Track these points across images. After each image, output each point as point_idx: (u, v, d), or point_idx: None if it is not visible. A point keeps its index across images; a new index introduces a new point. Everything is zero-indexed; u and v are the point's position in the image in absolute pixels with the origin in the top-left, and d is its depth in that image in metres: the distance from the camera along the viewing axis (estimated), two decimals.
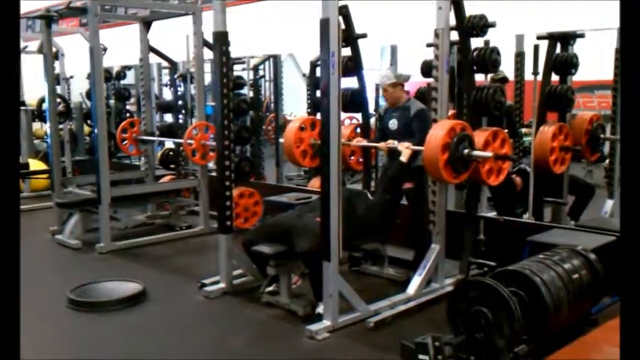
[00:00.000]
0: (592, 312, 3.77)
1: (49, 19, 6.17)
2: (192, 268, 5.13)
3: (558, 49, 5.14)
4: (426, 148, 3.98)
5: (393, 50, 6.69)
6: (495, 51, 4.32)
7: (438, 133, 3.95)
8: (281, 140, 4.88)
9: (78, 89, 9.64)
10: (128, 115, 9.11)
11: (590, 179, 7.36)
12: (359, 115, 5.38)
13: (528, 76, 6.08)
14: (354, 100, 5.10)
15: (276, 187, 6.91)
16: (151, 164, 7.08)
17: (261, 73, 8.68)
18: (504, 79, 5.55)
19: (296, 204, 5.32)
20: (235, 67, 7.73)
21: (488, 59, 4.30)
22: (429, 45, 5.93)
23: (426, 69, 5.90)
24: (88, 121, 8.92)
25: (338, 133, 3.70)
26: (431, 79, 5.84)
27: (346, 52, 4.86)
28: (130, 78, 9.55)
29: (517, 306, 3.16)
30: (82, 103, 9.69)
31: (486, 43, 4.89)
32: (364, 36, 4.97)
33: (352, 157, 5.21)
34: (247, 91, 7.68)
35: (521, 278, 3.40)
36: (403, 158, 4.33)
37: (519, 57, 5.99)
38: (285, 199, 5.71)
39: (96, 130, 5.67)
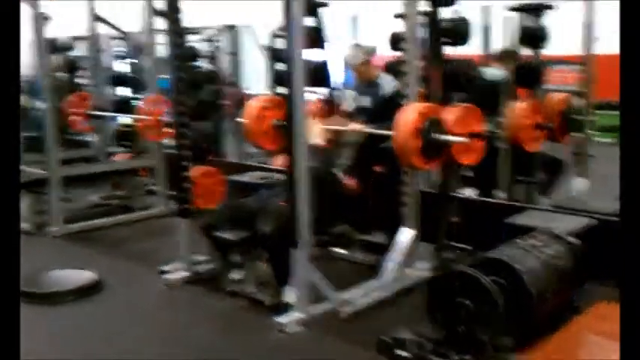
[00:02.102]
0: (573, 298, 3.66)
1: None
2: (152, 254, 4.84)
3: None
4: (396, 133, 3.76)
5: (354, 21, 6.42)
6: (466, 22, 4.10)
7: (407, 117, 3.74)
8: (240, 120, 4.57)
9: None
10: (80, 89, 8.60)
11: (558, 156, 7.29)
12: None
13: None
14: (317, 75, 4.84)
15: (238, 165, 6.60)
16: (104, 141, 6.69)
17: (218, 45, 8.32)
18: None
19: (260, 183, 5.09)
20: (190, 38, 7.34)
21: (459, 30, 4.08)
22: (397, 15, 5.72)
23: (396, 41, 5.66)
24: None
25: (303, 109, 3.45)
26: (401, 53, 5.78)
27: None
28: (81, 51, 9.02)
29: (500, 295, 3.02)
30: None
31: (454, 12, 4.65)
32: (325, 4, 4.70)
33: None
34: (204, 64, 7.33)
35: (502, 266, 3.24)
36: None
37: (485, 30, 5.81)
38: (248, 179, 5.43)
39: (40, 105, 5.27)
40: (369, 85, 4.76)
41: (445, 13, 4.13)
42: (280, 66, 7.02)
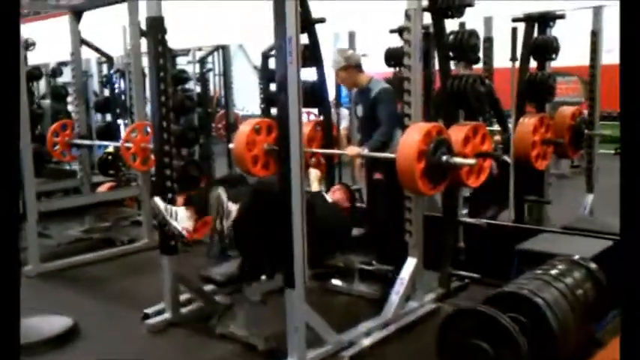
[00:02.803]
0: (596, 330, 3.30)
1: None
2: (134, 293, 4.45)
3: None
4: (398, 156, 3.43)
5: (351, 37, 6.10)
6: (474, 34, 3.79)
7: (411, 138, 3.41)
8: (231, 146, 4.25)
9: None
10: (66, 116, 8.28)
11: (556, 169, 7.01)
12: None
13: (497, 62, 5.64)
14: (313, 94, 4.50)
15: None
16: (87, 171, 6.32)
17: (209, 66, 8.03)
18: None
19: None
20: (179, 60, 7.05)
21: (467, 44, 3.76)
22: (392, 31, 5.43)
23: (391, 57, 5.35)
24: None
25: (300, 134, 3.10)
26: (395, 70, 5.48)
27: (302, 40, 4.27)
28: (68, 75, 8.72)
29: (521, 336, 2.66)
30: None
31: (462, 25, 4.35)
32: (322, 20, 4.38)
33: (312, 159, 4.62)
34: (194, 86, 7.01)
35: (521, 301, 2.89)
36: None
37: (488, 42, 5.50)
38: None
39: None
40: (361, 92, 4.44)
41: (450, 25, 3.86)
42: (273, 86, 6.79)
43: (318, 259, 3.95)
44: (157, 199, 3.57)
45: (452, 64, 3.97)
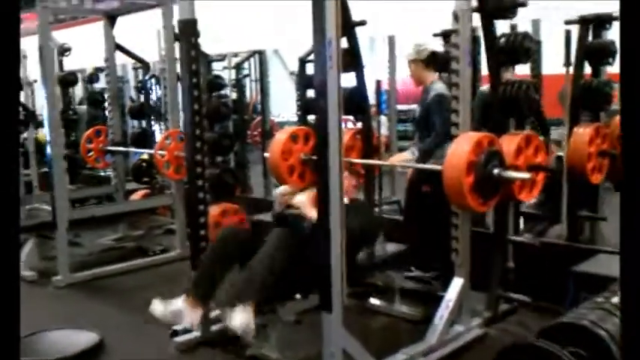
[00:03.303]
0: None
1: None
2: None
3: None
4: (446, 167, 3.17)
5: (391, 41, 5.85)
6: (528, 37, 3.51)
7: (460, 149, 3.15)
8: (266, 155, 4.05)
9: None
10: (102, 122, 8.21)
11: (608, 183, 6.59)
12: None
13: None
14: (352, 101, 4.27)
15: (264, 201, 6.05)
16: (120, 178, 6.21)
17: (245, 72, 7.87)
18: None
19: None
20: (215, 65, 6.90)
21: (520, 47, 3.48)
22: (436, 35, 5.17)
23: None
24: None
25: (339, 142, 2.87)
26: (439, 75, 5.19)
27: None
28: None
29: None
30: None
31: (512, 27, 4.07)
32: (363, 23, 4.14)
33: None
34: (229, 93, 6.84)
35: (581, 333, 2.60)
36: None
37: (536, 46, 5.19)
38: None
39: (48, 144, 4.81)
40: (423, 91, 4.28)
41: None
42: (310, 93, 6.58)
43: (357, 277, 3.73)
44: None
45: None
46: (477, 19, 3.52)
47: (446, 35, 4.88)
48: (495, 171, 3.21)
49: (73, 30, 10.13)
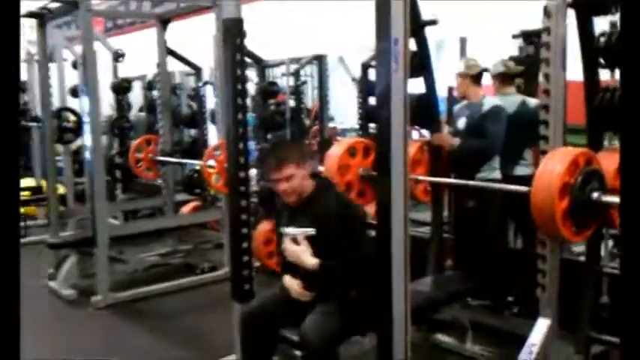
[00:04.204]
0: None
1: (41, 17, 5.05)
2: (208, 335, 3.88)
3: None
4: (535, 190, 2.64)
5: (463, 43, 5.30)
6: None
7: (553, 168, 2.61)
8: (321, 169, 3.61)
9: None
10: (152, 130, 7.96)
11: None
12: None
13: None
14: (420, 109, 3.78)
15: None
16: (170, 190, 5.88)
17: (304, 78, 7.45)
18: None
19: None
20: (275, 72, 6.53)
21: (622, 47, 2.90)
22: (515, 36, 4.62)
23: None
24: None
25: (404, 156, 2.39)
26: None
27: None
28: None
29: None
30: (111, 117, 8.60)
31: (613, 25, 3.47)
32: (434, 22, 3.66)
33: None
34: (287, 100, 6.44)
35: None
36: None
37: None
38: None
39: (88, 153, 4.51)
40: (468, 106, 3.98)
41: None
42: (372, 100, 6.10)
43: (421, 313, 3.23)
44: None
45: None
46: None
47: (528, 36, 4.33)
48: (594, 195, 2.66)
49: (133, 35, 10.00)
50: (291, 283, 2.81)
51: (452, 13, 5.00)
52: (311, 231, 2.76)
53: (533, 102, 4.02)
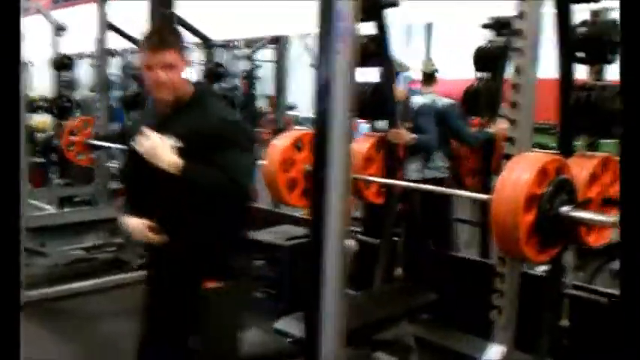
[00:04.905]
0: None
1: None
2: (129, 342, 3.43)
3: None
4: (496, 200, 2.27)
5: (428, 30, 4.93)
6: (617, 27, 2.59)
7: (519, 176, 2.24)
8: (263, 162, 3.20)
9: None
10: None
11: None
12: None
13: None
14: (376, 101, 3.40)
15: (271, 213, 5.13)
16: (104, 177, 5.38)
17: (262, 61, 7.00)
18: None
19: (286, 246, 3.74)
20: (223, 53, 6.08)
21: (605, 40, 2.56)
22: (485, 26, 4.27)
23: (482, 59, 4.15)
24: None
25: (345, 155, 2.00)
26: (483, 75, 4.28)
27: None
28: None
29: None
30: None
31: (595, 14, 3.12)
32: (395, 4, 3.27)
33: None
34: (239, 85, 6.00)
35: None
36: None
37: None
38: (271, 238, 4.04)
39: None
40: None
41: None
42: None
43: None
44: None
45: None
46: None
47: (498, 26, 3.97)
48: (564, 209, 2.31)
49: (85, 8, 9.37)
50: (137, 224, 2.21)
51: None
52: (177, 143, 2.11)
53: (442, 101, 3.96)
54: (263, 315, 3.48)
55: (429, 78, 4.11)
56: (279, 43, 6.42)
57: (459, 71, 4.55)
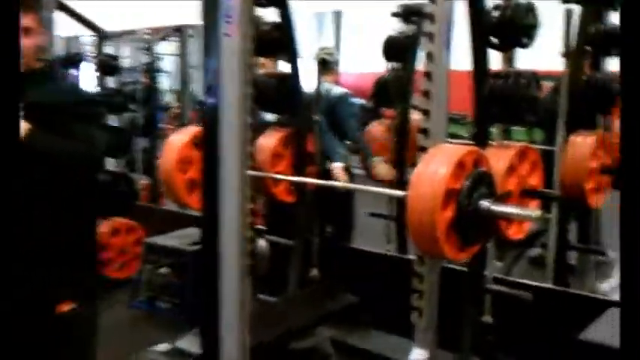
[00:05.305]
0: None
1: None
2: None
3: None
4: (412, 197, 2.08)
5: (337, 18, 4.74)
6: (532, 11, 2.46)
7: (435, 171, 2.06)
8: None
9: None
10: None
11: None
12: None
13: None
14: (281, 94, 3.16)
15: (178, 215, 4.78)
16: None
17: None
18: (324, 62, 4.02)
19: (189, 251, 3.46)
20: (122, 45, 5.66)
21: (519, 24, 2.43)
22: (396, 14, 4.11)
23: (392, 49, 3.99)
24: None
25: (241, 148, 1.77)
26: (394, 65, 4.13)
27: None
28: None
29: None
30: None
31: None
32: None
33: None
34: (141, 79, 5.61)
35: None
36: None
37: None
38: (174, 242, 3.73)
39: None
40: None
41: None
42: None
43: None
44: None
45: None
46: None
47: (408, 13, 3.83)
48: (484, 204, 2.15)
49: None
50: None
51: None
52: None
53: (335, 90, 3.92)
54: (167, 330, 3.20)
55: (325, 67, 3.96)
56: (181, 33, 6.08)
57: (373, 63, 4.39)
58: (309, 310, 2.98)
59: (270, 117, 3.66)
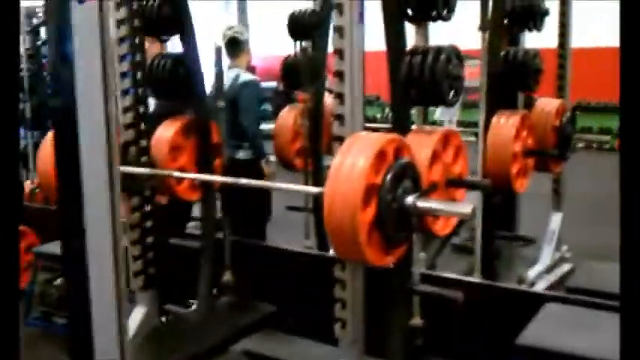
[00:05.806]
0: None
1: None
2: None
3: None
4: (328, 197, 1.78)
5: None
6: None
7: (353, 164, 1.78)
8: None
9: None
10: None
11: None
12: None
13: None
14: (177, 78, 2.78)
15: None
16: None
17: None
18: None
19: None
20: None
21: None
22: None
23: (297, 26, 3.67)
24: None
25: (109, 148, 1.44)
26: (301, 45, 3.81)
27: None
28: None
29: None
30: None
31: None
32: None
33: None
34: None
35: None
36: None
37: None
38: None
39: None
40: None
41: None
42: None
43: None
44: None
45: None
46: None
47: None
48: (409, 199, 1.89)
49: None
50: None
51: None
52: None
53: (243, 77, 3.65)
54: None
55: (233, 48, 3.65)
56: None
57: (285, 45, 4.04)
58: (221, 326, 2.65)
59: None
